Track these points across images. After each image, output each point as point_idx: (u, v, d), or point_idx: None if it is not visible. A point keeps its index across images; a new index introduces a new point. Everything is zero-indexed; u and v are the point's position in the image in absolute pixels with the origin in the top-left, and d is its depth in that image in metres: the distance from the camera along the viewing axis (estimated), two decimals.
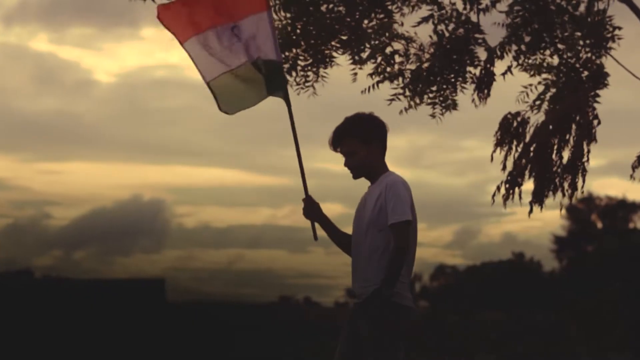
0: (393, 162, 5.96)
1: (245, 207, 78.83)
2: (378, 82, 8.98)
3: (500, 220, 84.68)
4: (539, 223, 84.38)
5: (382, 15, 8.89)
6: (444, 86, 9.07)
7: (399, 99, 9.12)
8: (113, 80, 71.67)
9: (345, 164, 5.94)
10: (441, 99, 9.18)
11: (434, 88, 9.09)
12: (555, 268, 56.40)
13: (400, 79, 8.94)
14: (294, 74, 9.18)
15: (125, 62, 72.44)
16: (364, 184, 5.97)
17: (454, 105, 9.31)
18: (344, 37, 8.99)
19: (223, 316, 34.44)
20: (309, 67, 9.16)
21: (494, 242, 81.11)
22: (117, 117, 69.78)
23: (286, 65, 9.01)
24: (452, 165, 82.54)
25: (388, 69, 8.81)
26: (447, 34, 8.91)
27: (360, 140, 5.85)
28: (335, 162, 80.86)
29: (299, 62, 9.17)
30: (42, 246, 59.49)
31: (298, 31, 8.98)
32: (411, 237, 5.78)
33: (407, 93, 9.00)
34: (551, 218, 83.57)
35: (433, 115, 9.28)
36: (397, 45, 8.78)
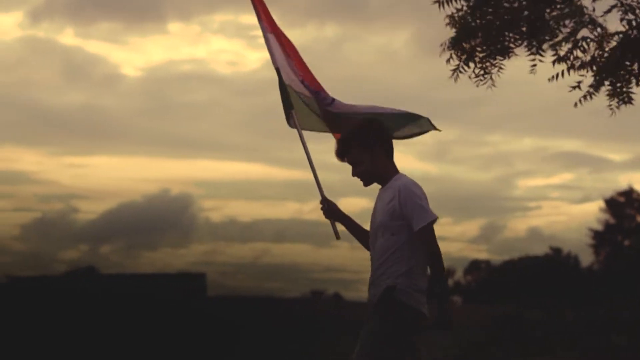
0: (419, 157, 5.84)
1: (272, 201, 78.75)
2: (563, 71, 8.67)
3: (526, 214, 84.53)
4: (564, 217, 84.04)
5: (562, 5, 8.55)
6: (627, 77, 8.73)
7: (580, 88, 8.78)
8: (139, 75, 71.60)
9: (353, 174, 5.96)
10: (618, 90, 8.82)
11: (614, 79, 8.73)
12: (593, 262, 56.05)
13: (588, 67, 8.60)
14: (471, 65, 8.92)
15: (151, 57, 72.36)
16: None
17: (628, 99, 8.95)
18: (524, 28, 8.67)
19: (259, 309, 34.38)
20: (487, 59, 8.86)
21: (520, 236, 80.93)
22: (143, 111, 69.66)
23: (463, 57, 8.80)
24: (478, 159, 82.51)
25: (578, 55, 8.49)
26: (634, 24, 8.56)
27: (363, 149, 5.87)
28: None
29: (477, 53, 8.89)
30: (70, 240, 59.45)
31: (478, 22, 8.67)
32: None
33: (592, 82, 8.65)
34: (578, 212, 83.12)
35: (610, 107, 8.93)
36: (585, 32, 8.44)
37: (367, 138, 5.89)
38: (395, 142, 6.06)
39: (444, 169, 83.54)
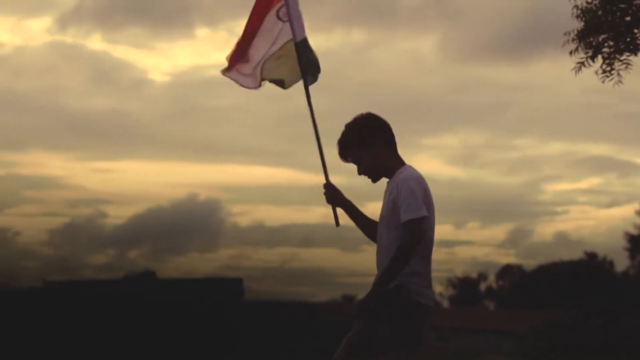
0: (446, 162, 5.29)
1: (299, 205, 78.36)
2: None
3: (554, 219, 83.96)
4: (592, 222, 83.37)
5: None
6: None
7: None
8: (167, 80, 71.38)
9: (359, 172, 5.87)
10: None
11: None
12: (629, 267, 55.29)
13: None
14: (598, 60, 8.42)
15: (178, 62, 72.19)
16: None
17: None
18: None
19: (293, 314, 34.09)
20: (614, 54, 8.31)
21: (547, 241, 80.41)
22: (170, 116, 69.40)
23: (589, 51, 8.32)
24: (505, 164, 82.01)
25: None
26: None
27: (362, 147, 5.78)
28: None
29: (604, 49, 8.32)
30: (98, 244, 59.13)
31: (606, 16, 8.13)
32: (428, 232, 5.63)
33: None
34: (606, 217, 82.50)
35: None
36: None
37: (363, 135, 5.78)
38: (420, 148, 5.55)
39: (472, 173, 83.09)
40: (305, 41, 6.50)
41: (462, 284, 65.22)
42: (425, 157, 77.89)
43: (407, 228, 5.49)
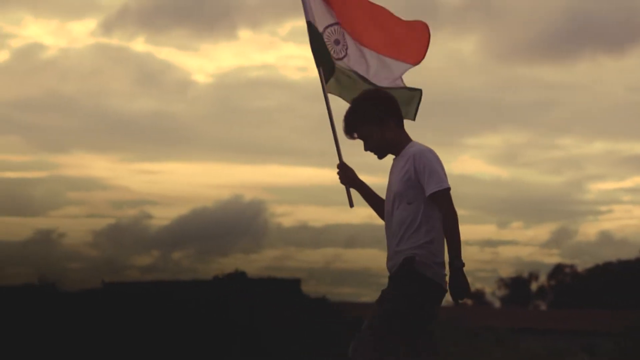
0: (489, 162, 4.81)
1: (343, 206, 77.33)
2: None
3: (598, 218, 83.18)
4: (636, 221, 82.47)
5: None
6: None
7: None
8: (210, 81, 71.24)
9: (365, 149, 5.77)
10: None
11: None
12: None
13: None
14: None
15: (221, 63, 72.07)
16: (458, 182, 5.42)
17: None
18: None
19: (347, 313, 34.10)
20: None
21: (592, 240, 79.73)
22: (214, 117, 69.31)
23: None
24: (548, 163, 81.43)
25: None
26: None
27: (371, 122, 5.68)
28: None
29: None
30: (142, 246, 59.00)
31: None
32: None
33: None
34: None
35: None
36: None
37: (373, 110, 5.69)
38: (463, 147, 5.20)
39: (515, 173, 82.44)
40: (313, 28, 6.49)
41: (513, 284, 64.78)
42: (468, 157, 77.56)
43: (441, 199, 5.45)
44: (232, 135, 68.08)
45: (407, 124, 5.94)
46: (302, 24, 6.63)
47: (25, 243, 50.04)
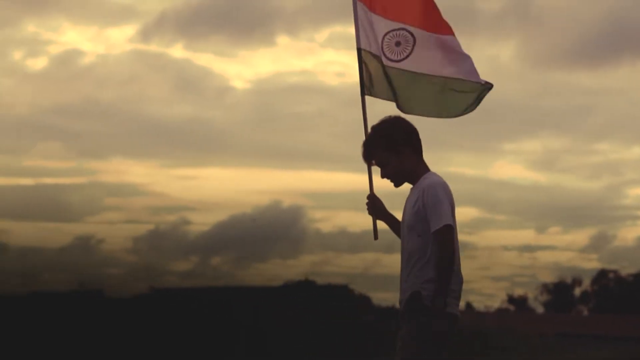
0: (528, 167, 4.68)
1: None
2: None
3: (636, 223, 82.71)
4: None
5: None
6: None
7: None
8: (248, 87, 71.43)
9: (382, 176, 5.77)
10: None
11: None
12: None
13: None
14: None
15: (259, 69, 72.23)
16: (497, 187, 5.14)
17: None
18: None
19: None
20: None
21: (630, 245, 79.32)
22: (252, 123, 69.45)
23: None
24: (587, 168, 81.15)
25: None
26: None
27: (389, 150, 5.68)
28: (471, 167, 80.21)
29: None
30: (180, 252, 59.17)
31: None
32: (454, 241, 5.55)
33: None
34: None
35: None
36: None
37: (392, 138, 5.68)
38: (501, 153, 5.16)
39: (553, 178, 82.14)
40: (364, 52, 6.53)
41: (555, 290, 64.56)
42: (506, 162, 77.41)
43: (441, 236, 5.45)
44: (270, 141, 68.23)
45: (447, 129, 6.05)
46: (340, 29, 6.81)
47: (63, 249, 50.36)
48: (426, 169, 5.70)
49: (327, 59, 71.00)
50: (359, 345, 24.36)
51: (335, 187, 72.59)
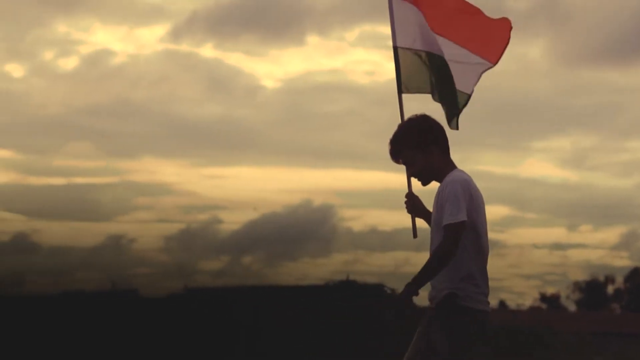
0: (558, 165, 4.42)
1: None
2: None
3: None
4: None
5: None
6: None
7: None
8: (278, 86, 71.42)
9: (409, 174, 5.89)
10: None
11: None
12: None
13: None
14: None
15: (290, 68, 72.22)
16: (527, 186, 4.90)
17: None
18: None
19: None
20: None
21: None
22: (282, 122, 69.47)
23: None
24: (617, 166, 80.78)
25: None
26: None
27: (416, 148, 5.71)
28: (501, 165, 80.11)
29: None
30: (211, 251, 59.23)
31: None
32: (482, 239, 5.58)
33: None
34: None
35: None
36: None
37: (419, 137, 5.72)
38: (531, 151, 4.99)
39: (584, 176, 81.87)
40: (400, 49, 6.57)
41: (587, 288, 64.25)
42: (536, 160, 77.16)
43: (445, 232, 5.46)
44: (301, 139, 68.27)
45: (477, 128, 5.93)
46: (369, 28, 6.76)
47: (95, 248, 50.44)
48: (453, 167, 5.72)
49: (357, 57, 71.01)
50: (402, 345, 24.27)
51: (365, 186, 72.57)
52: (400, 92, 6.52)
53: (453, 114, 6.54)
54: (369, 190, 73.76)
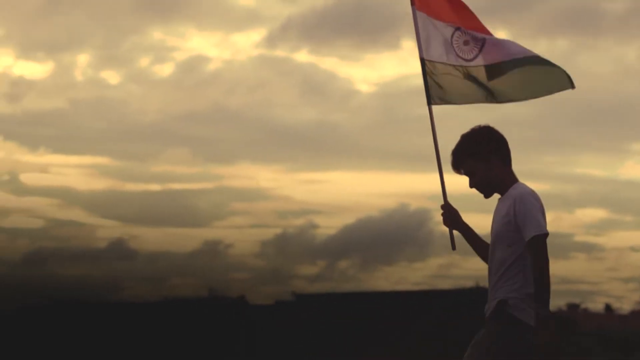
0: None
1: None
2: None
3: None
4: None
5: None
6: None
7: None
8: (373, 90, 71.56)
9: (470, 185, 5.81)
10: None
11: None
12: None
13: None
14: None
15: (384, 72, 72.31)
16: (625, 188, 4.68)
17: None
18: None
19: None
20: None
21: None
22: (377, 126, 69.52)
23: None
24: None
25: None
26: None
27: (478, 159, 5.70)
28: (599, 168, 79.22)
29: None
30: (308, 255, 59.49)
31: None
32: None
33: None
34: None
35: None
36: None
37: (481, 148, 5.71)
38: (629, 153, 4.91)
39: None
40: (428, 62, 6.64)
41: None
42: (634, 162, 75.94)
43: (536, 245, 5.41)
44: (396, 143, 68.28)
45: (574, 131, 5.87)
46: None
47: (193, 254, 51.02)
48: (515, 179, 5.70)
49: None
50: None
51: (461, 190, 72.00)
52: (429, 103, 6.61)
53: (563, 75, 6.36)
54: (465, 194, 73.28)
